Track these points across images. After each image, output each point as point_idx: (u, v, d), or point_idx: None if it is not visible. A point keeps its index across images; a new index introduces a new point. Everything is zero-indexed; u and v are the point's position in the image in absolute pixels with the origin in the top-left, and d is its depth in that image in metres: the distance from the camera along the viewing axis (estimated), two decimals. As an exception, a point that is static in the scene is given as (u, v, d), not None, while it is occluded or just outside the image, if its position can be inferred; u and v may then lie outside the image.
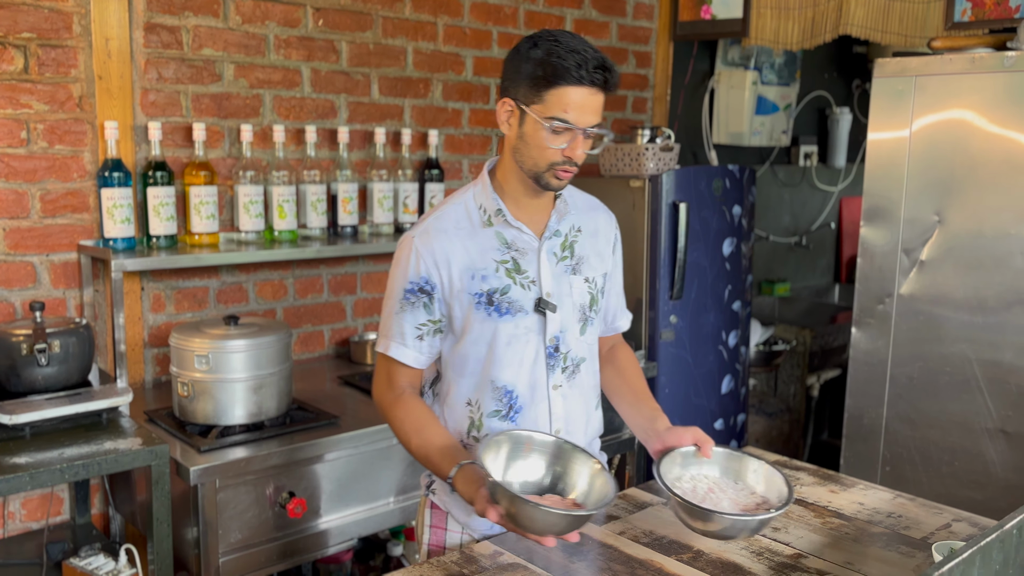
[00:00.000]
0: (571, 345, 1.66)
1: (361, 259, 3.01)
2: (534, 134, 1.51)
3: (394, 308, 1.63)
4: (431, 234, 1.59)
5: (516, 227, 1.61)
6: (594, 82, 1.48)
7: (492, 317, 1.59)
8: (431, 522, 1.72)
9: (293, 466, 2.18)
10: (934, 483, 2.60)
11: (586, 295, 1.68)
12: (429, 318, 1.61)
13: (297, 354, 2.91)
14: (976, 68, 2.45)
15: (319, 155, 2.82)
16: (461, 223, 1.61)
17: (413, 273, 1.59)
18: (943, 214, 2.54)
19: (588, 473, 1.51)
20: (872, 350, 2.72)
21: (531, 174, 1.55)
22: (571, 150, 1.52)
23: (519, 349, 1.61)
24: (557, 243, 1.65)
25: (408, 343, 1.61)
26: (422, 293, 1.59)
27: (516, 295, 1.60)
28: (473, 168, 3.27)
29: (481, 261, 1.59)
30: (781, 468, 1.61)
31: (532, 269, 1.62)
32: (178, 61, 2.53)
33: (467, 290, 1.58)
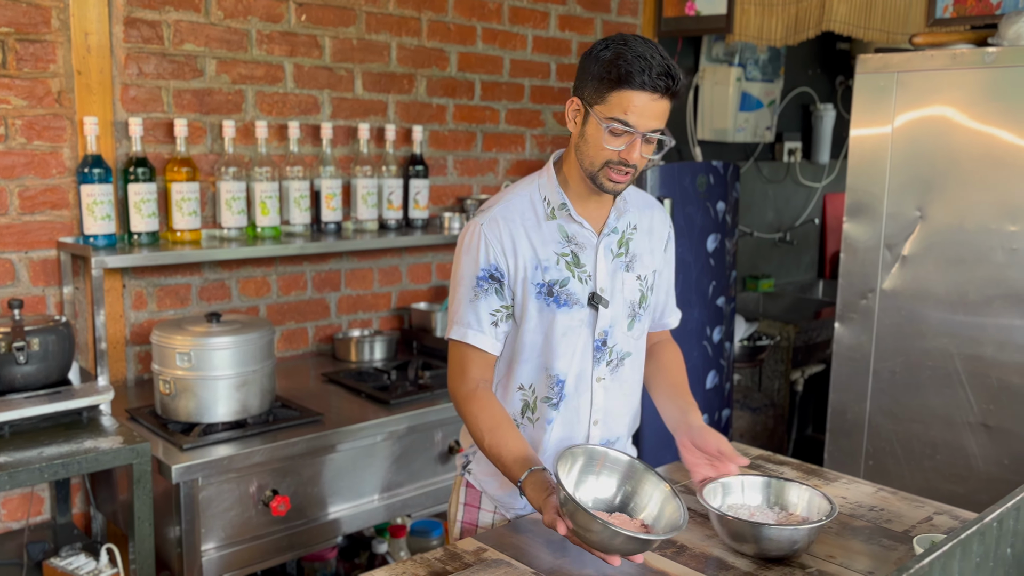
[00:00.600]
0: (618, 340, 1.69)
1: (345, 256, 3.00)
2: (594, 133, 1.55)
3: (467, 295, 1.64)
4: (499, 222, 1.62)
5: (578, 222, 1.64)
6: (656, 88, 1.50)
7: (551, 308, 1.63)
8: (466, 500, 1.76)
9: (276, 464, 2.17)
10: (916, 477, 2.62)
11: (637, 292, 1.71)
12: (502, 303, 1.64)
13: (281, 351, 2.90)
14: (957, 64, 2.46)
15: (302, 151, 2.81)
16: (526, 214, 1.64)
17: (484, 260, 1.62)
18: (925, 210, 2.56)
19: (660, 497, 1.51)
20: (855, 345, 2.73)
21: (588, 173, 1.59)
22: (627, 152, 1.54)
23: (572, 340, 1.65)
24: (614, 240, 1.68)
25: (485, 329, 1.63)
26: (493, 280, 1.63)
27: (574, 288, 1.64)
28: (458, 164, 3.26)
29: (544, 252, 1.62)
30: (819, 491, 1.63)
31: (590, 264, 1.65)
32: (159, 56, 2.51)
33: (530, 280, 1.62)
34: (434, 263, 3.25)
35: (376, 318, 3.12)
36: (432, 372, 2.72)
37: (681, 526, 1.41)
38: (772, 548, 1.51)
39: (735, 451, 1.67)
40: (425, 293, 3.24)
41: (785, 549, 1.52)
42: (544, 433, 1.69)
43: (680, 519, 1.43)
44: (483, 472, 1.73)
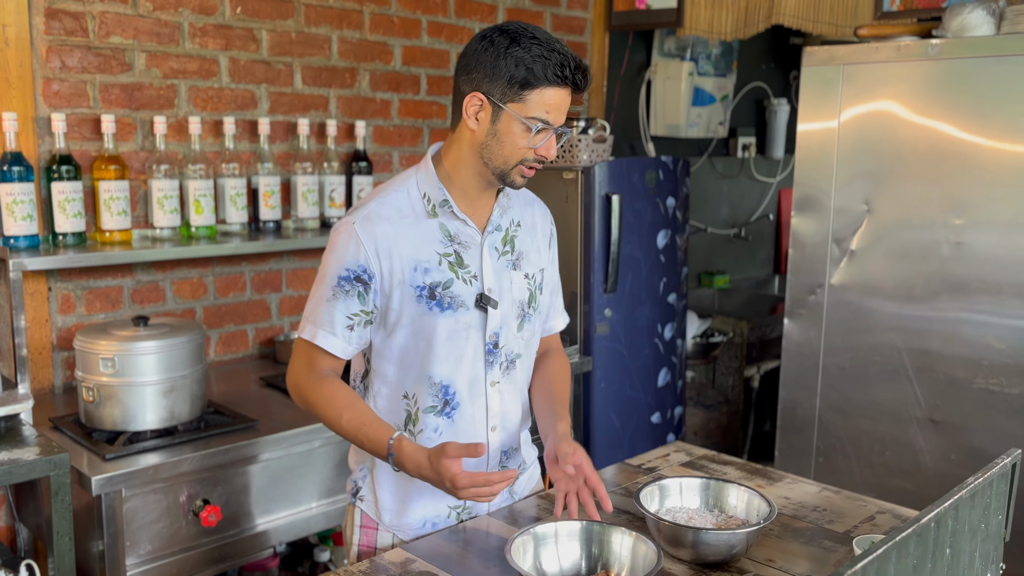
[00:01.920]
0: (508, 341, 1.63)
1: (286, 255, 2.91)
2: (509, 132, 1.48)
3: (325, 295, 1.53)
4: (373, 221, 1.52)
5: (461, 219, 1.57)
6: (576, 84, 1.47)
7: (433, 312, 1.54)
8: (361, 522, 1.67)
9: (207, 473, 2.08)
10: (866, 473, 2.60)
11: (525, 291, 1.64)
12: (362, 308, 1.53)
13: (219, 355, 2.81)
14: (902, 56, 2.44)
15: (239, 148, 2.72)
16: (404, 211, 1.55)
17: (351, 260, 1.51)
18: (872, 203, 2.54)
19: (629, 545, 1.42)
20: (804, 341, 2.71)
21: (497, 171, 1.52)
22: (546, 149, 1.50)
23: (458, 345, 1.57)
24: (499, 237, 1.61)
25: (337, 332, 1.54)
26: (358, 282, 1.52)
27: (459, 290, 1.56)
28: (404, 160, 3.18)
29: (424, 253, 1.54)
30: (759, 492, 1.58)
31: (475, 263, 1.57)
32: (84, 49, 2.41)
33: (409, 282, 1.53)
34: (380, 262, 3.17)
35: (320, 319, 3.04)
36: (375, 374, 2.65)
37: (659, 566, 1.34)
38: (709, 553, 1.47)
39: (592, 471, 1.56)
40: (371, 293, 3.16)
41: (723, 554, 1.47)
42: (430, 445, 1.58)
43: (655, 559, 1.36)
44: (378, 506, 1.64)
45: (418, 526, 1.63)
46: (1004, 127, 2.28)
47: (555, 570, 1.41)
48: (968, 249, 2.36)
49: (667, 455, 2.03)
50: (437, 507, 1.64)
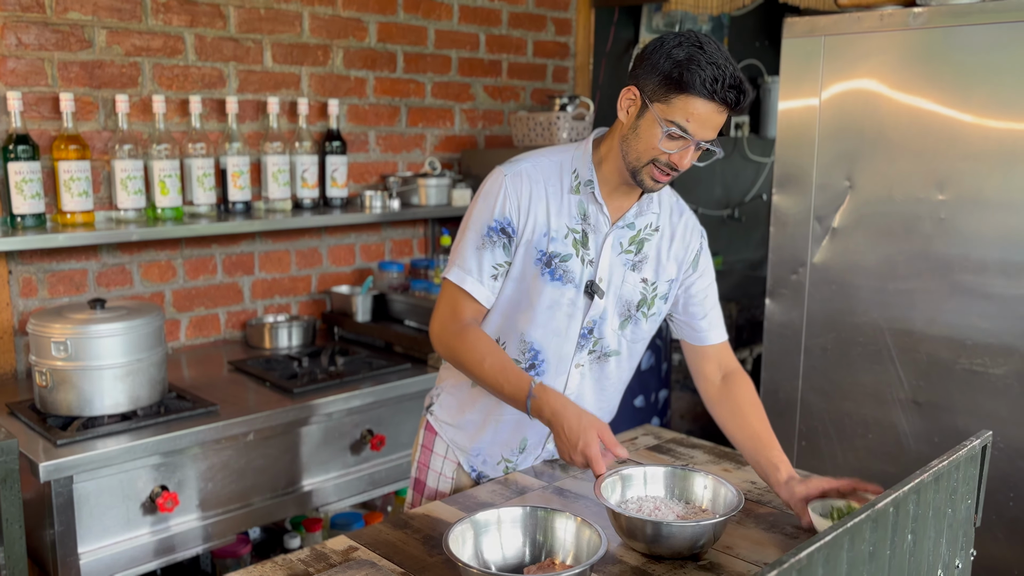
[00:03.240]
0: (605, 334, 1.66)
1: (258, 237, 2.86)
2: (648, 131, 1.50)
3: (475, 242, 1.61)
4: (523, 178, 1.59)
5: (599, 203, 1.61)
6: (725, 100, 1.45)
7: (544, 278, 1.60)
8: (423, 441, 1.81)
9: (164, 458, 2.04)
10: (848, 457, 2.53)
11: (638, 294, 1.65)
12: (506, 259, 1.61)
13: (190, 339, 2.76)
14: (885, 26, 2.35)
15: (206, 127, 2.66)
16: (552, 179, 1.61)
17: (499, 212, 1.59)
18: (854, 179, 2.46)
19: (573, 530, 1.36)
20: (786, 322, 2.64)
21: (630, 167, 1.54)
22: (678, 157, 1.50)
23: (557, 317, 1.62)
24: (627, 235, 1.63)
25: (484, 281, 1.61)
26: (503, 234, 1.60)
27: (573, 267, 1.61)
28: (380, 140, 3.12)
29: (556, 223, 1.60)
30: (725, 481, 1.52)
31: (595, 249, 1.62)
32: (40, 25, 2.35)
33: (535, 244, 1.59)
34: (357, 244, 3.12)
35: (295, 303, 2.99)
36: (347, 359, 2.60)
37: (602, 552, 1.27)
38: (673, 546, 1.40)
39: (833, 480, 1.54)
40: (348, 276, 3.10)
41: (687, 547, 1.41)
42: None
43: (600, 544, 1.30)
44: (444, 413, 1.76)
45: (472, 453, 1.75)
46: (988, 101, 2.20)
47: (497, 558, 1.36)
48: (951, 226, 2.29)
49: (635, 438, 1.97)
50: (493, 449, 1.73)
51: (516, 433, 1.74)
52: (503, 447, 1.74)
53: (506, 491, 1.68)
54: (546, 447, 1.78)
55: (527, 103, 3.54)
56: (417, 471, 1.83)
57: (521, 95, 3.51)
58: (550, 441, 1.76)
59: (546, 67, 3.60)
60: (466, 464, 1.77)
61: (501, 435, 1.73)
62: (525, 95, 3.53)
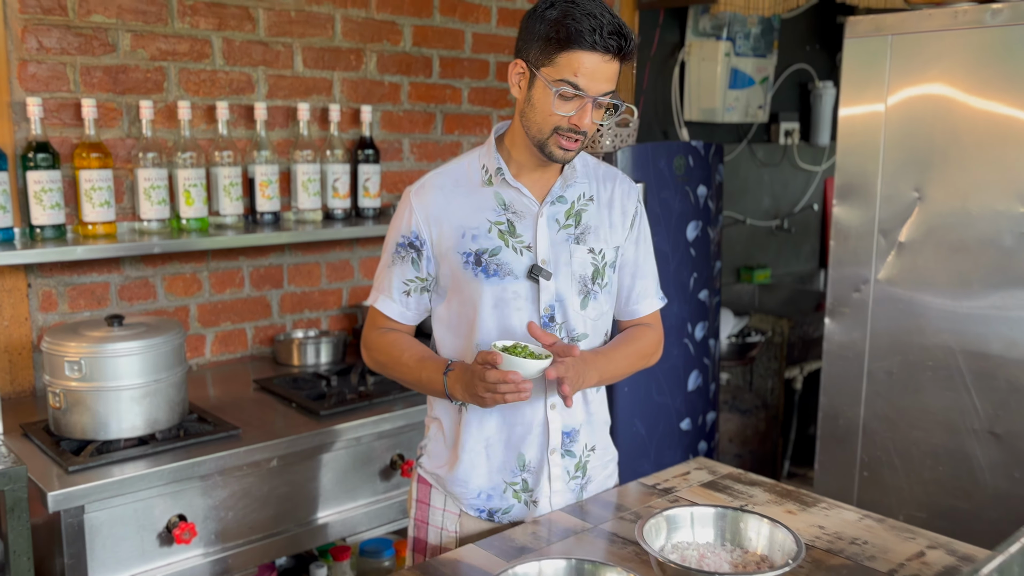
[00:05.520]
0: (569, 317, 1.59)
1: (287, 249, 2.74)
2: (542, 98, 1.47)
3: (387, 261, 1.63)
4: (427, 189, 1.58)
5: (515, 187, 1.56)
6: (608, 48, 1.42)
7: (479, 278, 1.54)
8: (417, 496, 1.71)
9: (182, 486, 1.92)
10: (916, 490, 2.34)
11: (589, 266, 1.59)
12: (416, 275, 1.60)
13: (215, 355, 2.64)
14: (958, 24, 2.17)
15: (233, 134, 2.55)
16: (460, 181, 1.58)
17: (405, 227, 1.58)
18: (923, 190, 2.27)
19: None
20: (847, 343, 2.45)
21: (535, 141, 1.51)
22: (578, 118, 1.46)
23: (508, 314, 1.55)
24: (561, 210, 1.59)
25: (395, 297, 1.61)
26: (411, 248, 1.58)
27: (507, 258, 1.55)
28: (415, 148, 2.99)
29: (474, 220, 1.55)
30: (784, 524, 1.36)
31: (528, 234, 1.56)
32: (63, 29, 2.25)
33: (456, 248, 1.55)
34: (390, 256, 2.98)
35: (325, 317, 2.87)
36: (377, 378, 2.46)
37: None
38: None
39: None
40: (380, 289, 2.97)
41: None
42: (487, 417, 1.59)
43: None
44: (433, 464, 1.67)
45: (473, 495, 1.62)
46: (1077, 102, 2.01)
47: None
48: (1034, 241, 2.09)
49: (687, 473, 1.81)
50: (492, 479, 1.62)
51: (509, 451, 1.61)
52: (502, 473, 1.62)
53: (545, 533, 1.53)
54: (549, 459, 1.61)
55: (568, 109, 3.39)
56: (415, 529, 1.71)
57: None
58: (559, 455, 1.62)
59: (588, 72, 3.45)
60: (471, 509, 1.64)
61: (495, 461, 1.61)
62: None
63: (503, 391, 1.39)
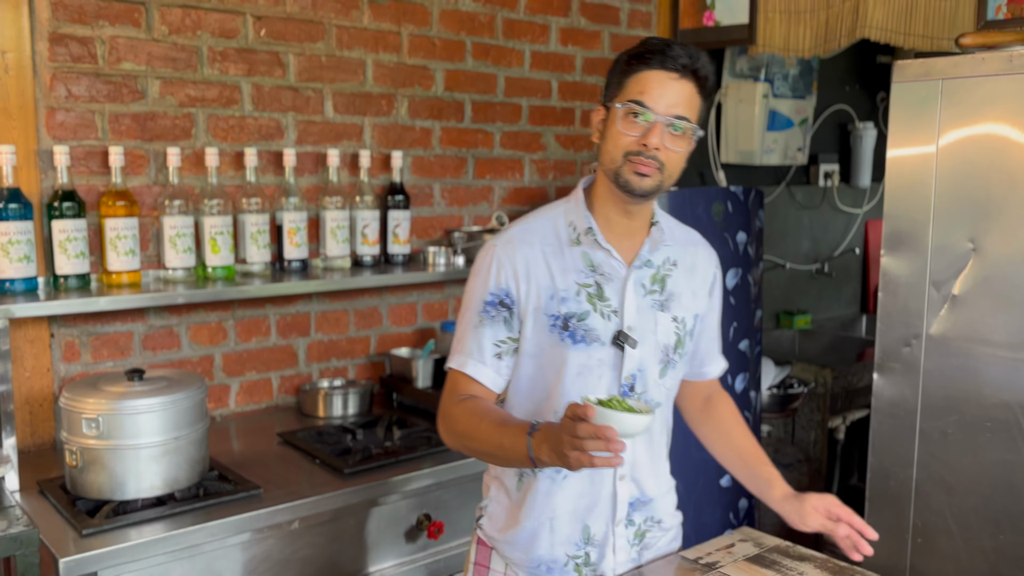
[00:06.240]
0: (648, 386, 1.54)
1: (315, 297, 2.68)
2: (611, 126, 1.45)
3: (472, 321, 1.51)
4: (515, 244, 1.51)
5: (605, 248, 1.50)
6: (674, 66, 1.39)
7: (564, 343, 1.47)
8: (475, 559, 1.64)
9: (201, 549, 1.84)
10: (976, 559, 2.19)
11: (672, 335, 1.55)
12: (509, 335, 1.50)
13: (240, 405, 2.58)
14: (1014, 68, 2.07)
15: (262, 181, 2.51)
16: (548, 238, 1.52)
17: (494, 284, 1.50)
18: (978, 240, 2.16)
19: None
20: (898, 400, 2.33)
21: (611, 174, 1.46)
22: (646, 137, 1.40)
23: (590, 382, 1.48)
24: (647, 274, 1.54)
25: (487, 360, 1.49)
26: (502, 307, 1.49)
27: (594, 323, 1.48)
28: (446, 193, 2.93)
29: (563, 282, 1.49)
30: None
31: (615, 298, 1.50)
32: (92, 76, 2.23)
33: (544, 310, 1.48)
34: (419, 303, 2.92)
35: (352, 366, 2.79)
36: (405, 431, 2.38)
37: None
38: None
39: (844, 507, 1.55)
40: (409, 337, 2.90)
41: None
42: (555, 488, 1.51)
43: None
44: (493, 528, 1.59)
45: (533, 565, 1.55)
46: None
47: None
48: (1101, 295, 1.97)
49: (731, 546, 1.69)
50: (554, 552, 1.54)
51: (574, 524, 1.53)
52: (565, 546, 1.55)
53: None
54: (615, 531, 1.54)
55: (602, 153, 3.32)
56: None
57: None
58: (623, 526, 1.55)
59: (622, 114, 3.38)
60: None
61: (559, 534, 1.52)
62: None
63: (591, 449, 1.20)
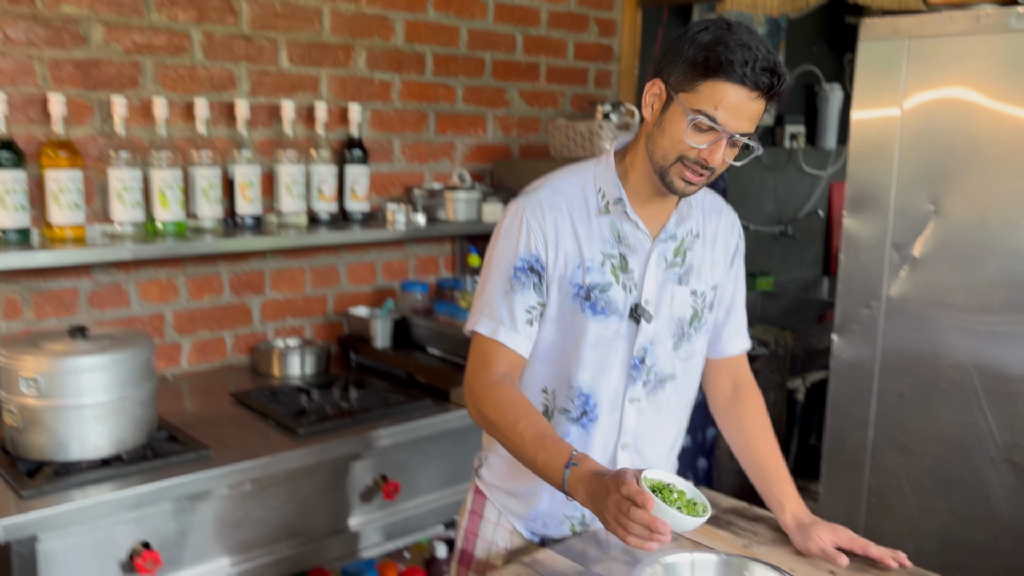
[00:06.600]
0: (659, 359, 1.51)
1: (269, 254, 2.61)
2: (674, 124, 1.34)
3: (502, 287, 1.45)
4: (544, 209, 1.45)
5: (633, 221, 1.45)
6: (758, 84, 1.29)
7: (585, 313, 1.45)
8: (471, 507, 1.64)
9: (148, 510, 1.79)
10: (927, 519, 2.22)
11: (688, 309, 1.52)
12: (539, 300, 1.46)
13: (192, 364, 2.52)
14: (982, 28, 2.04)
15: (213, 133, 2.42)
16: (576, 204, 1.46)
17: (524, 249, 1.44)
18: (940, 203, 2.15)
19: None
20: (856, 361, 2.33)
21: (657, 168, 1.39)
22: (708, 152, 1.33)
23: (605, 353, 1.47)
24: (670, 247, 1.49)
25: (519, 328, 1.45)
26: (532, 272, 1.45)
27: (615, 295, 1.46)
28: (406, 149, 2.86)
29: (589, 251, 1.45)
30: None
31: (638, 271, 1.47)
32: (29, 20, 2.12)
33: (568, 279, 1.45)
34: (379, 262, 2.86)
35: (309, 325, 2.74)
36: (361, 392, 2.34)
37: None
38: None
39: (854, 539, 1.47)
40: (368, 296, 2.85)
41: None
42: None
43: None
44: (493, 477, 1.59)
45: (531, 518, 1.57)
46: (1108, 112, 1.89)
47: None
48: (1059, 259, 1.97)
49: (686, 506, 1.68)
50: (553, 509, 1.55)
51: None
52: (564, 505, 1.55)
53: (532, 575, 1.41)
54: None
55: (566, 110, 3.26)
56: (464, 541, 1.65)
57: (560, 101, 3.24)
58: None
59: (588, 71, 3.32)
60: (524, 530, 1.59)
61: (559, 494, 1.48)
62: (564, 101, 3.26)
63: (638, 534, 1.16)
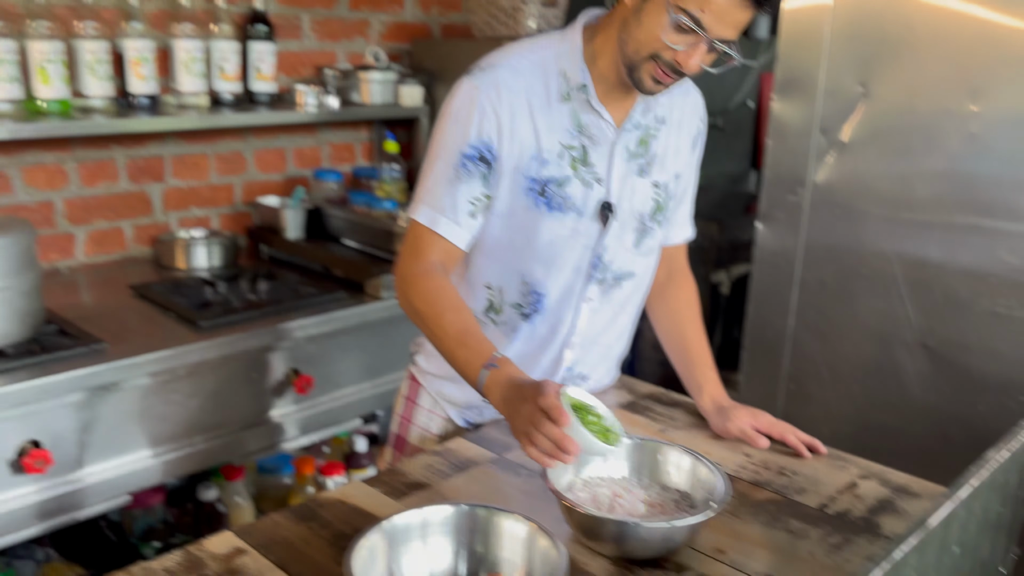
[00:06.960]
0: (617, 257, 1.42)
1: (169, 138, 2.44)
2: (653, 18, 1.21)
3: (447, 174, 1.32)
4: (500, 91, 1.30)
5: (596, 111, 1.33)
6: None
7: (539, 209, 1.34)
8: (407, 393, 1.59)
9: (37, 407, 1.68)
10: (843, 403, 2.25)
11: (650, 202, 1.42)
12: (485, 191, 1.33)
13: (89, 256, 2.36)
14: (919, -102, 1.95)
15: (99, 2, 2.20)
16: (535, 88, 1.32)
17: (475, 135, 1.30)
18: (869, 86, 2.09)
19: (522, 538, 1.04)
20: (779, 250, 2.30)
21: (627, 60, 1.27)
22: (685, 55, 1.22)
23: (559, 250, 1.38)
24: (635, 137, 1.38)
25: (460, 220, 1.33)
26: (482, 161, 1.31)
27: (573, 191, 1.35)
28: (316, 25, 2.67)
29: (548, 141, 1.32)
30: (707, 459, 1.21)
31: (601, 164, 1.36)
32: None
33: (523, 171, 1.32)
34: (289, 148, 2.70)
35: (216, 215, 2.59)
36: (271, 284, 2.23)
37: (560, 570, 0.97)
38: (638, 550, 1.09)
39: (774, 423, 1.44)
40: (279, 185, 2.70)
41: (656, 550, 1.10)
42: (505, 342, 1.44)
43: (559, 560, 0.98)
44: (430, 364, 1.53)
45: (464, 406, 1.52)
46: (1041, -10, 1.83)
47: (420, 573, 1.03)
48: (983, 143, 1.94)
49: (604, 393, 1.65)
50: None
51: None
52: None
53: (444, 464, 1.35)
54: None
55: (490, -12, 3.08)
56: (398, 426, 1.60)
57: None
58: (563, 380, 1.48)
59: (513, -53, 3.12)
60: (458, 418, 1.54)
61: None
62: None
63: (546, 449, 1.08)
